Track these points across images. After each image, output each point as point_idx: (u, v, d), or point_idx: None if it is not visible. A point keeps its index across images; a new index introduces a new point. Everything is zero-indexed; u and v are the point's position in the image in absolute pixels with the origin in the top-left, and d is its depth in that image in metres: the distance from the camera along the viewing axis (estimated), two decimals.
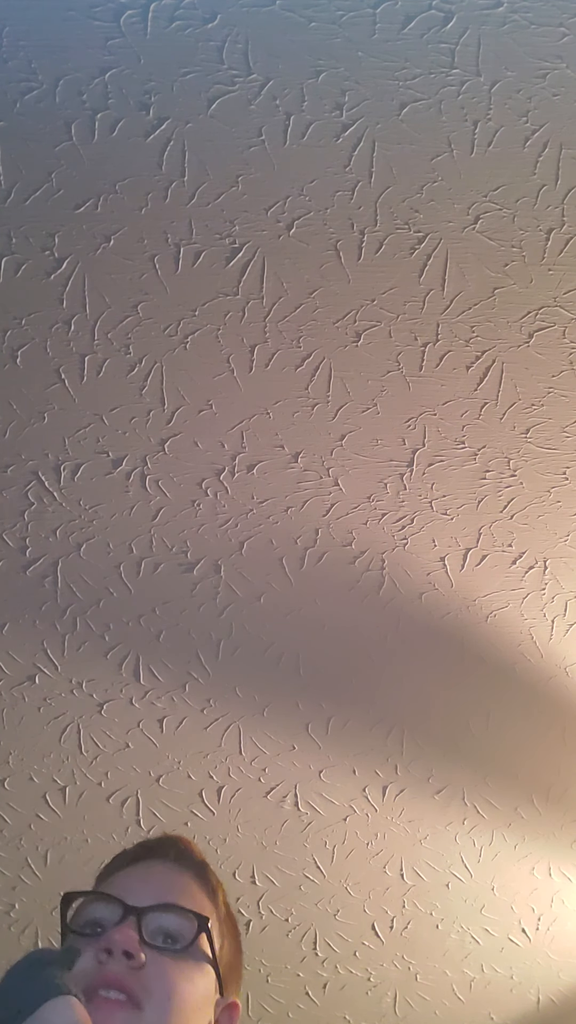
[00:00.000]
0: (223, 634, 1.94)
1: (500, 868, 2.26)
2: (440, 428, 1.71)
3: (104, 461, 1.75)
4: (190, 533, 1.82)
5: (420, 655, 1.95)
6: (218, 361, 1.64)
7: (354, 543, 1.83)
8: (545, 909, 2.32)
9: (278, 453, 1.74)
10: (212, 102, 1.41)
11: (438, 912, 2.33)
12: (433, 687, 2.00)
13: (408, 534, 1.82)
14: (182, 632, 1.94)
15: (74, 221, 1.51)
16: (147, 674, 1.99)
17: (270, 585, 1.88)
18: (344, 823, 2.19)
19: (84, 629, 1.93)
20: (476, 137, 1.43)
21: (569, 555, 1.84)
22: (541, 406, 1.68)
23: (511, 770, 2.11)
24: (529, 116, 1.41)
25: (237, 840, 2.20)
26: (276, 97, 1.40)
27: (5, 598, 1.90)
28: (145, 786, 2.14)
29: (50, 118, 1.42)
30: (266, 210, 1.50)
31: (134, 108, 1.41)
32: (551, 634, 1.93)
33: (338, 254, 1.54)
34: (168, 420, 1.70)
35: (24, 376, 1.66)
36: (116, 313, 1.59)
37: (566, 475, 1.75)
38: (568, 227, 1.50)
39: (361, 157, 1.45)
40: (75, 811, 2.17)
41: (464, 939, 2.37)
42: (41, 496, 1.78)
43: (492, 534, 1.82)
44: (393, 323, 1.60)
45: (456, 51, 1.36)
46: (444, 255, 1.53)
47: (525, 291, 1.57)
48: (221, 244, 1.53)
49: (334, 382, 1.66)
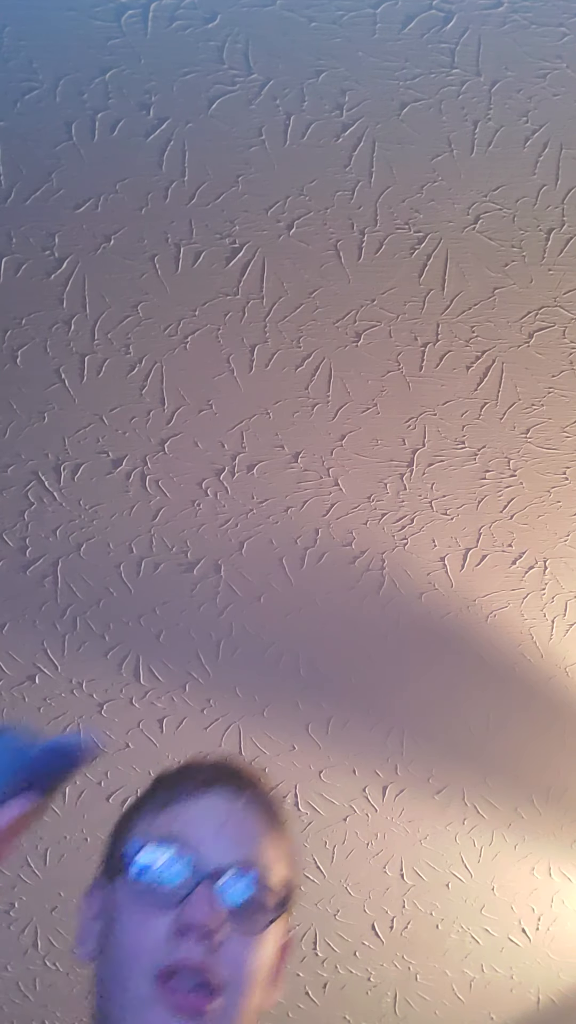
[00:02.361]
0: (223, 634, 1.94)
1: (500, 868, 2.26)
2: (440, 428, 1.71)
3: (104, 461, 1.75)
4: (190, 533, 1.82)
5: (420, 655, 1.95)
6: (218, 361, 1.64)
7: (354, 543, 1.83)
8: (545, 909, 2.32)
9: (278, 453, 1.74)
10: (212, 102, 1.41)
11: (438, 912, 2.33)
12: (433, 687, 1.99)
13: (408, 534, 1.82)
14: (182, 632, 1.93)
15: (74, 221, 1.51)
16: (147, 674, 1.98)
17: (270, 585, 1.88)
18: (344, 823, 2.19)
19: (84, 629, 1.93)
20: (476, 137, 1.43)
21: (569, 555, 1.84)
22: (541, 406, 1.68)
23: (511, 770, 2.11)
24: (529, 116, 1.41)
25: None
26: (276, 97, 1.40)
27: (5, 598, 1.90)
28: (145, 785, 2.14)
29: (50, 118, 1.42)
30: (266, 210, 1.50)
31: (134, 108, 1.41)
32: (551, 634, 1.93)
33: (338, 254, 1.54)
34: (168, 420, 1.70)
35: (24, 376, 1.66)
36: (116, 313, 1.59)
37: (566, 475, 1.75)
38: (568, 227, 1.50)
39: (361, 157, 1.45)
40: (75, 810, 2.17)
41: (464, 939, 2.37)
42: (41, 496, 1.78)
43: (492, 534, 1.82)
44: (393, 323, 1.60)
45: (456, 51, 1.36)
46: (444, 255, 1.53)
47: (525, 291, 1.57)
48: (221, 244, 1.53)
49: (334, 382, 1.66)
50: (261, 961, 0.98)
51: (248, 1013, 0.97)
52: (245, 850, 1.00)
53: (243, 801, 1.04)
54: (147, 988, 0.94)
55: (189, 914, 0.94)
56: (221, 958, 0.95)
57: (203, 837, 1.00)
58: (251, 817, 1.04)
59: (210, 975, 0.94)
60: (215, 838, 1.00)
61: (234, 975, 0.95)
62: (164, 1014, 0.93)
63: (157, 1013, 0.93)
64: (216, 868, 0.98)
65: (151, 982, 0.94)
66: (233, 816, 1.02)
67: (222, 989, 0.94)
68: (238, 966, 0.96)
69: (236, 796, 1.04)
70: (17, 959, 2.40)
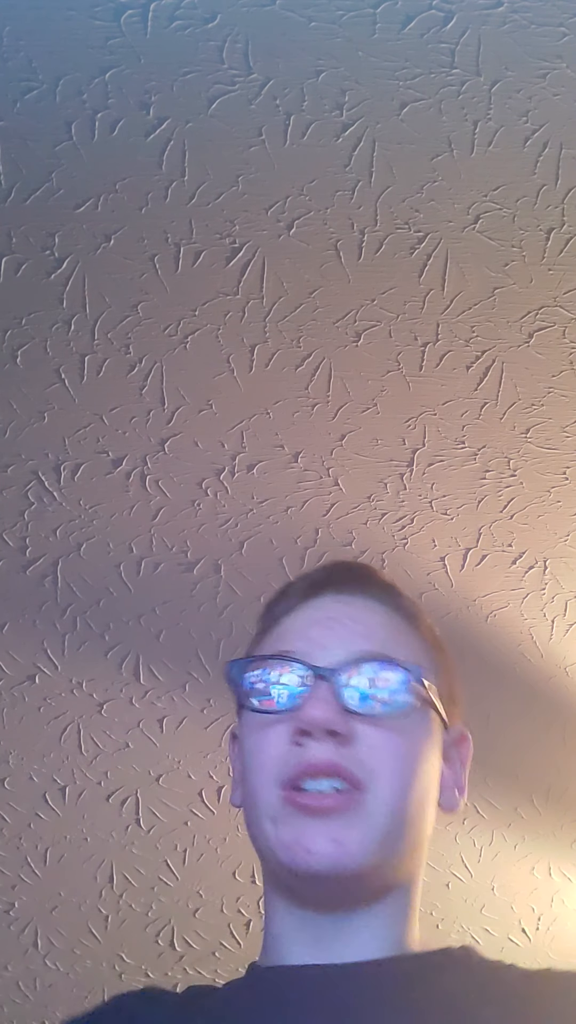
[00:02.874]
0: (223, 634, 1.94)
1: (500, 868, 2.26)
2: (440, 428, 1.71)
3: (104, 461, 1.75)
4: (190, 533, 1.82)
5: None
6: (218, 361, 1.64)
7: (354, 543, 1.83)
8: (545, 909, 2.32)
9: (278, 453, 1.74)
10: (212, 102, 1.41)
11: (438, 912, 2.33)
12: None
13: (408, 534, 1.82)
14: (182, 632, 1.93)
15: (74, 221, 1.51)
16: (147, 674, 1.98)
17: (270, 585, 1.88)
18: None
19: (84, 629, 1.93)
20: (476, 137, 1.43)
21: (569, 555, 1.84)
22: (541, 406, 1.68)
23: (511, 770, 2.11)
24: (529, 116, 1.41)
25: (237, 840, 2.20)
26: (276, 97, 1.40)
27: (5, 598, 1.90)
28: (145, 786, 2.14)
29: (50, 118, 1.42)
30: (266, 210, 1.50)
31: (134, 108, 1.41)
32: (551, 634, 1.93)
33: (338, 254, 1.54)
34: (168, 420, 1.70)
35: (24, 376, 1.66)
36: (116, 313, 1.59)
37: (566, 475, 1.75)
38: (568, 227, 1.50)
39: (361, 157, 1.45)
40: (75, 810, 2.17)
41: (464, 939, 2.37)
42: (41, 496, 1.78)
43: (492, 534, 1.82)
44: (393, 323, 1.60)
45: (456, 51, 1.36)
46: (444, 255, 1.53)
47: (525, 291, 1.56)
48: (221, 244, 1.53)
49: (334, 382, 1.66)
50: (412, 754, 0.94)
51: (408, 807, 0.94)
52: (362, 646, 0.95)
53: (358, 600, 0.99)
54: (277, 797, 0.92)
55: (305, 715, 0.91)
56: (356, 753, 0.91)
57: (312, 640, 0.96)
58: (367, 614, 0.98)
59: (343, 772, 0.90)
60: (325, 639, 0.96)
61: (376, 769, 0.91)
62: (298, 818, 0.90)
63: (291, 820, 0.90)
64: (329, 667, 0.93)
65: (280, 790, 0.91)
66: (346, 615, 0.98)
67: (362, 785, 0.91)
68: (380, 760, 0.91)
69: (348, 596, 1.00)
70: (17, 959, 2.40)
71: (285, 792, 0.91)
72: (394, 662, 0.94)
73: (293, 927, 0.95)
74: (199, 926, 2.36)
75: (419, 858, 0.99)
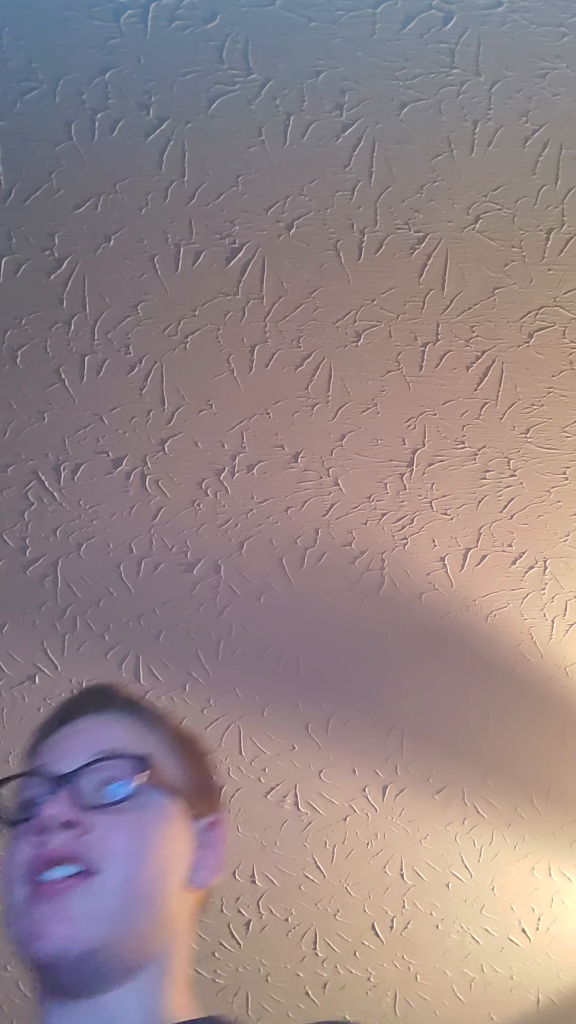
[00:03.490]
0: (223, 634, 1.94)
1: (500, 868, 2.26)
2: (440, 428, 1.71)
3: (104, 461, 1.75)
4: (190, 533, 1.82)
5: (420, 655, 1.95)
6: (218, 361, 1.64)
7: (354, 543, 1.83)
8: (545, 909, 2.32)
9: (278, 453, 1.74)
10: (212, 102, 1.41)
11: (438, 912, 2.33)
12: (433, 687, 1.99)
13: (408, 534, 1.82)
14: (182, 632, 1.93)
15: (74, 221, 1.51)
16: (147, 674, 1.98)
17: (270, 585, 1.88)
18: (344, 823, 2.18)
19: (84, 629, 1.93)
20: (476, 137, 1.43)
21: (569, 555, 1.84)
22: (541, 406, 1.68)
23: (511, 770, 2.11)
24: (529, 116, 1.41)
25: (237, 840, 2.20)
26: (276, 97, 1.40)
27: (5, 598, 1.90)
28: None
29: (50, 118, 1.42)
30: (266, 210, 1.50)
31: (134, 108, 1.41)
32: (551, 634, 1.93)
33: (338, 254, 1.54)
34: (168, 420, 1.70)
35: (24, 376, 1.66)
36: (116, 313, 1.59)
37: (566, 475, 1.75)
38: (568, 227, 1.50)
39: (361, 157, 1.45)
40: None
41: (464, 939, 2.37)
42: (41, 496, 1.78)
43: (492, 534, 1.82)
44: (393, 323, 1.60)
45: (456, 51, 1.36)
46: (444, 255, 1.53)
47: (525, 291, 1.57)
48: (221, 244, 1.53)
49: (334, 382, 1.66)
50: (145, 837, 1.00)
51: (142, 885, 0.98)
52: (100, 747, 1.02)
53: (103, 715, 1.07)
54: (22, 897, 0.97)
55: (42, 814, 0.97)
56: (92, 840, 0.97)
57: (58, 754, 1.03)
58: (103, 724, 1.06)
59: (79, 858, 0.96)
60: (69, 749, 1.03)
61: (110, 852, 0.97)
62: (37, 907, 0.95)
63: (31, 911, 0.95)
64: (69, 771, 1.00)
65: (25, 888, 0.96)
66: (86, 730, 1.06)
67: (97, 867, 0.96)
68: (113, 843, 0.97)
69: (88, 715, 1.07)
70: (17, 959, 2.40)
71: (29, 888, 0.96)
72: (125, 755, 1.02)
73: (57, 1019, 0.99)
74: (199, 926, 2.36)
75: (168, 933, 1.02)
